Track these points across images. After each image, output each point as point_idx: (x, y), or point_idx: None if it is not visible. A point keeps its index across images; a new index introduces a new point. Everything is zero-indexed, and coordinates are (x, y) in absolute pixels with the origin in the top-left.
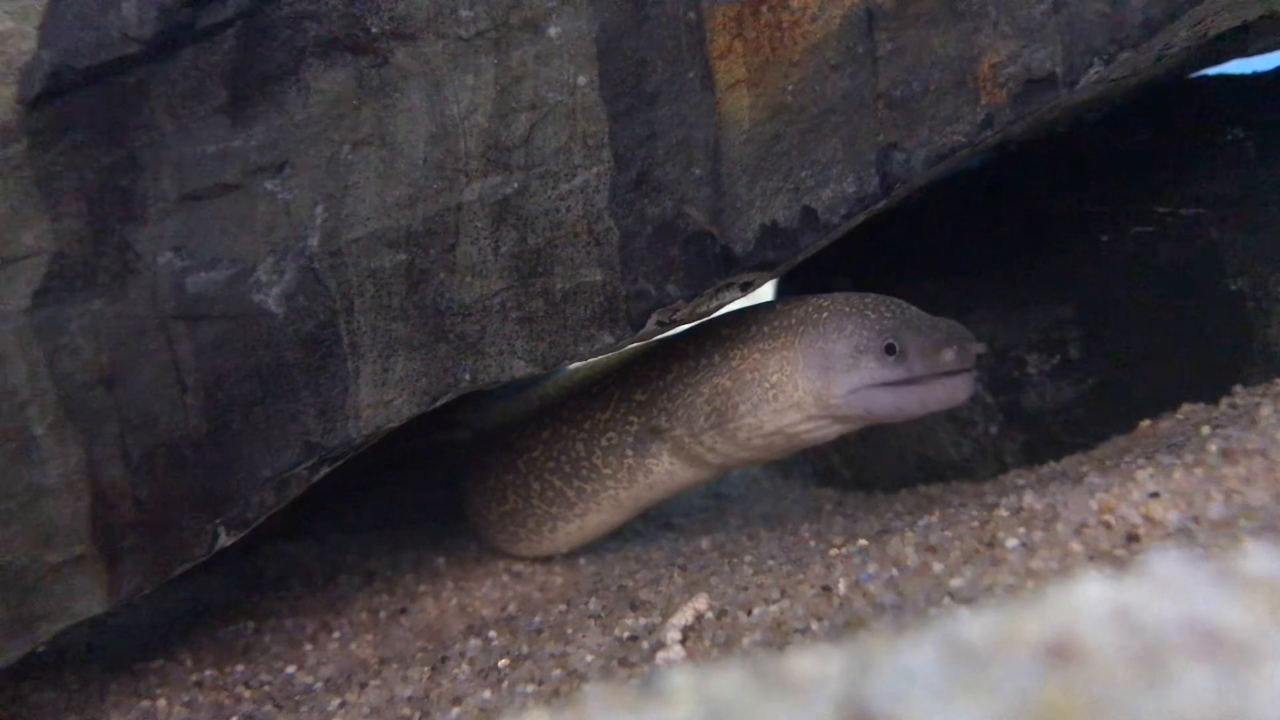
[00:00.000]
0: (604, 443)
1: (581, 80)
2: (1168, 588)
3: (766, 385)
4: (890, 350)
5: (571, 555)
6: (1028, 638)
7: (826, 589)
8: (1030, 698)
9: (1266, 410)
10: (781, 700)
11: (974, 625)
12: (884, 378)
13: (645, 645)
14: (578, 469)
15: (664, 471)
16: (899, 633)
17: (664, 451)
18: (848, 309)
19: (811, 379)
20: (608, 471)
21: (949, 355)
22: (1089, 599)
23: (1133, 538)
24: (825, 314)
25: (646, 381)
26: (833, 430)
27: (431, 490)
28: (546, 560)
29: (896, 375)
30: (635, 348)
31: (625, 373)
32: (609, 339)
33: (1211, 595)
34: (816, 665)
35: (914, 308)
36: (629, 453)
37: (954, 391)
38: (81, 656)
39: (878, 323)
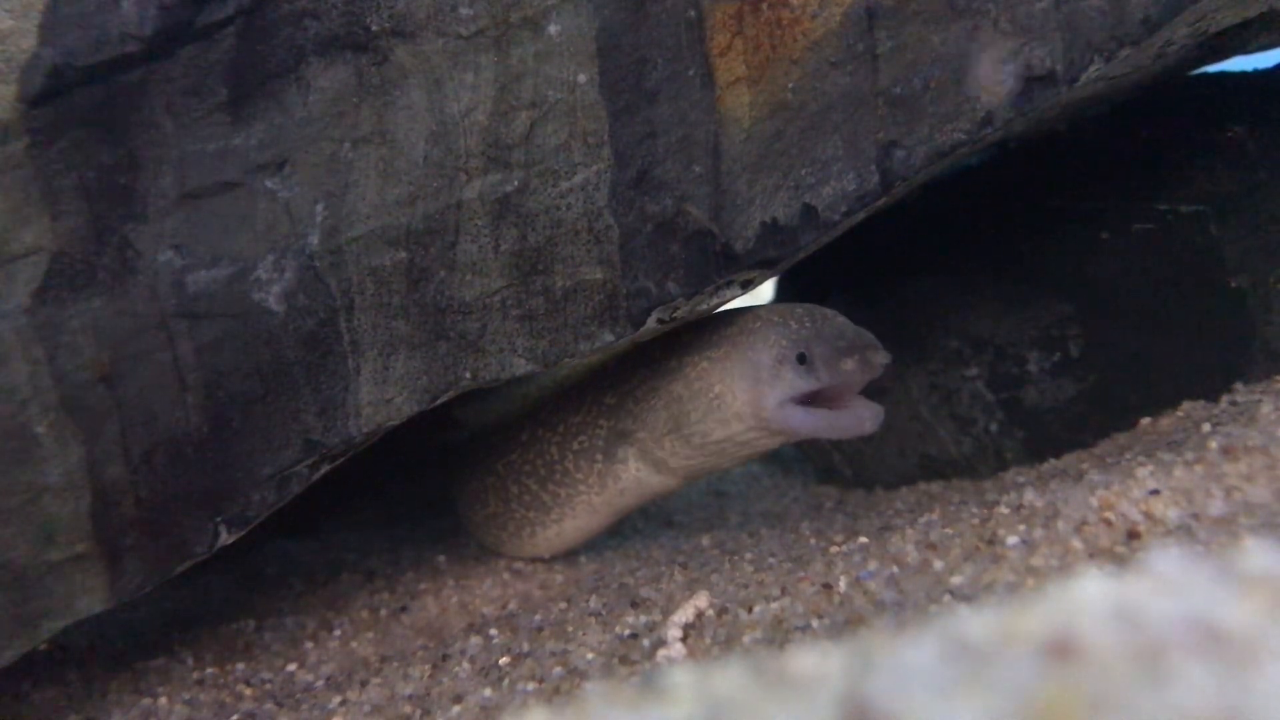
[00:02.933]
0: (575, 446)
1: (581, 78)
2: (1168, 585)
3: (711, 395)
4: (801, 359)
5: (571, 553)
6: (1028, 635)
7: (827, 586)
8: (1031, 695)
9: (1267, 407)
10: (782, 698)
11: (974, 622)
12: (799, 389)
13: (646, 643)
14: (552, 473)
15: (632, 477)
16: (899, 630)
17: (630, 457)
18: (776, 319)
19: (746, 390)
20: (580, 476)
21: (849, 364)
22: (1089, 596)
23: (1133, 535)
24: (759, 324)
25: (617, 384)
26: (775, 441)
27: (432, 489)
28: (548, 559)
29: (809, 386)
30: (609, 353)
31: (598, 376)
32: (609, 337)
33: (1212, 592)
34: (817, 663)
35: (841, 318)
36: (599, 457)
37: (860, 422)
38: (83, 654)
39: (796, 332)
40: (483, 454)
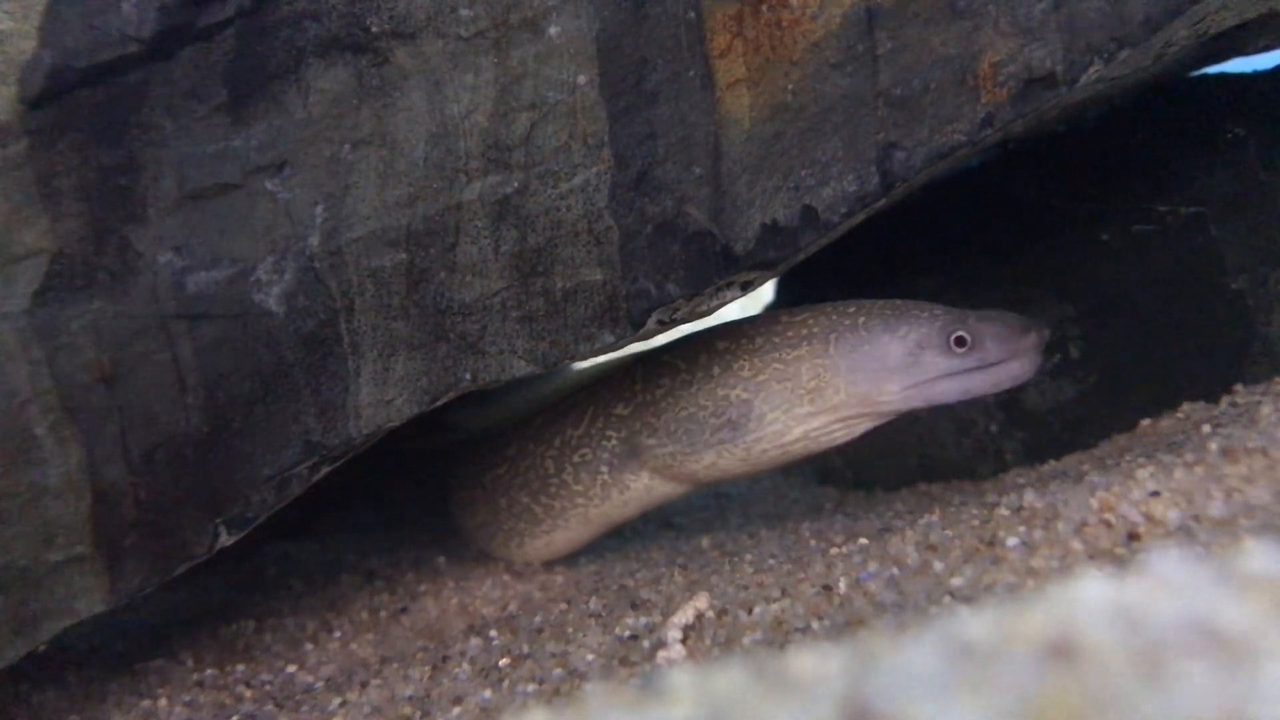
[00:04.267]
0: (577, 459)
1: (581, 79)
2: (1168, 586)
3: (802, 391)
4: (960, 343)
5: (571, 554)
6: (1028, 636)
7: (827, 588)
8: (1031, 696)
9: (1267, 409)
10: (782, 699)
11: (975, 623)
12: (951, 369)
13: (646, 644)
14: (546, 486)
15: (642, 488)
16: (900, 631)
17: (644, 469)
18: (888, 313)
19: (857, 381)
20: (579, 488)
21: (1029, 340)
22: (1089, 597)
23: (1133, 536)
24: (862, 319)
25: (628, 396)
26: (858, 430)
27: (432, 490)
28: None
29: (966, 365)
30: (602, 363)
31: (599, 388)
32: (609, 338)
33: (1212, 593)
34: (817, 664)
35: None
36: (604, 469)
37: (1024, 369)
38: (82, 656)
39: (931, 321)
40: (471, 466)
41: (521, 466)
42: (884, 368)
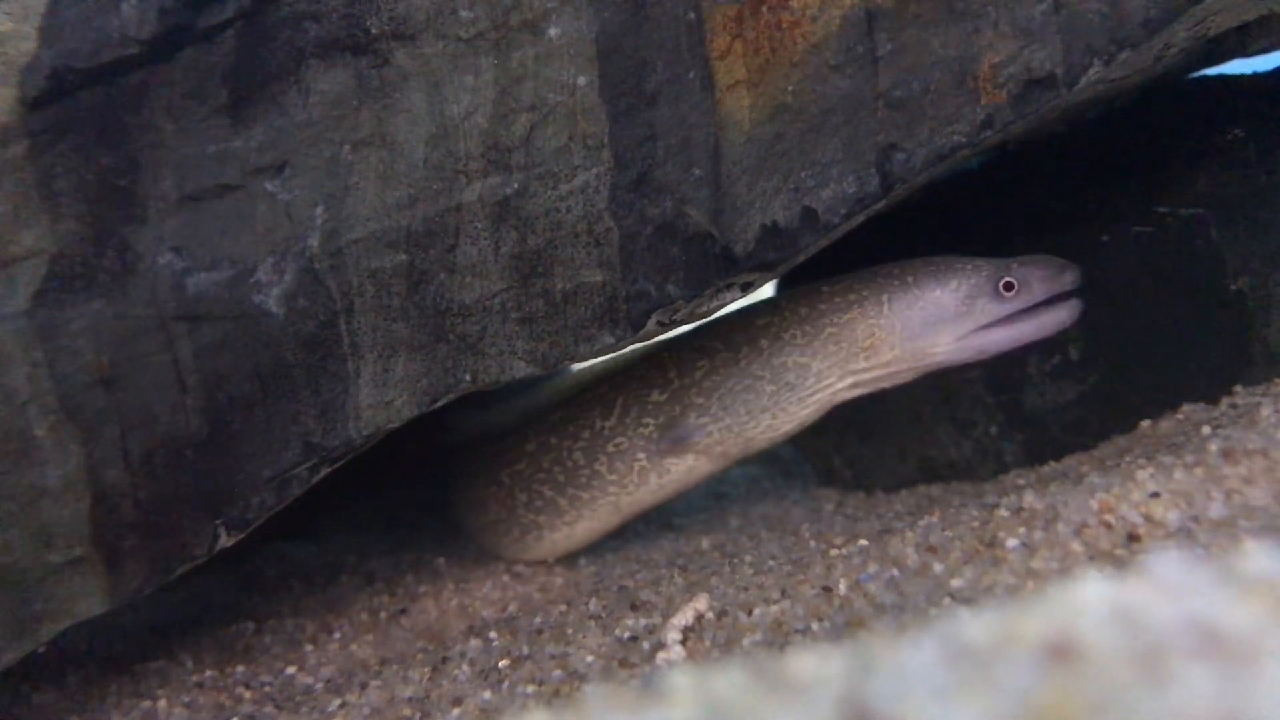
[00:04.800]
0: (610, 449)
1: (581, 81)
2: (1168, 587)
3: (857, 350)
4: (1009, 287)
5: (572, 556)
6: (1028, 638)
7: (827, 589)
8: (1030, 698)
9: (1267, 410)
10: (782, 700)
11: (974, 625)
12: (1001, 314)
13: (646, 646)
14: (574, 478)
15: (683, 469)
16: (899, 633)
17: (690, 449)
18: (934, 268)
19: (913, 336)
20: (613, 477)
21: (1070, 277)
22: (1089, 599)
23: (1133, 538)
24: (910, 277)
25: (663, 383)
26: (902, 380)
27: (432, 491)
28: (547, 561)
29: (1015, 308)
30: (620, 356)
31: (627, 379)
32: (609, 339)
33: (1211, 595)
34: (817, 665)
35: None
36: (641, 455)
37: (1068, 312)
38: (82, 657)
39: (978, 270)
40: (481, 464)
41: (545, 461)
42: (938, 320)
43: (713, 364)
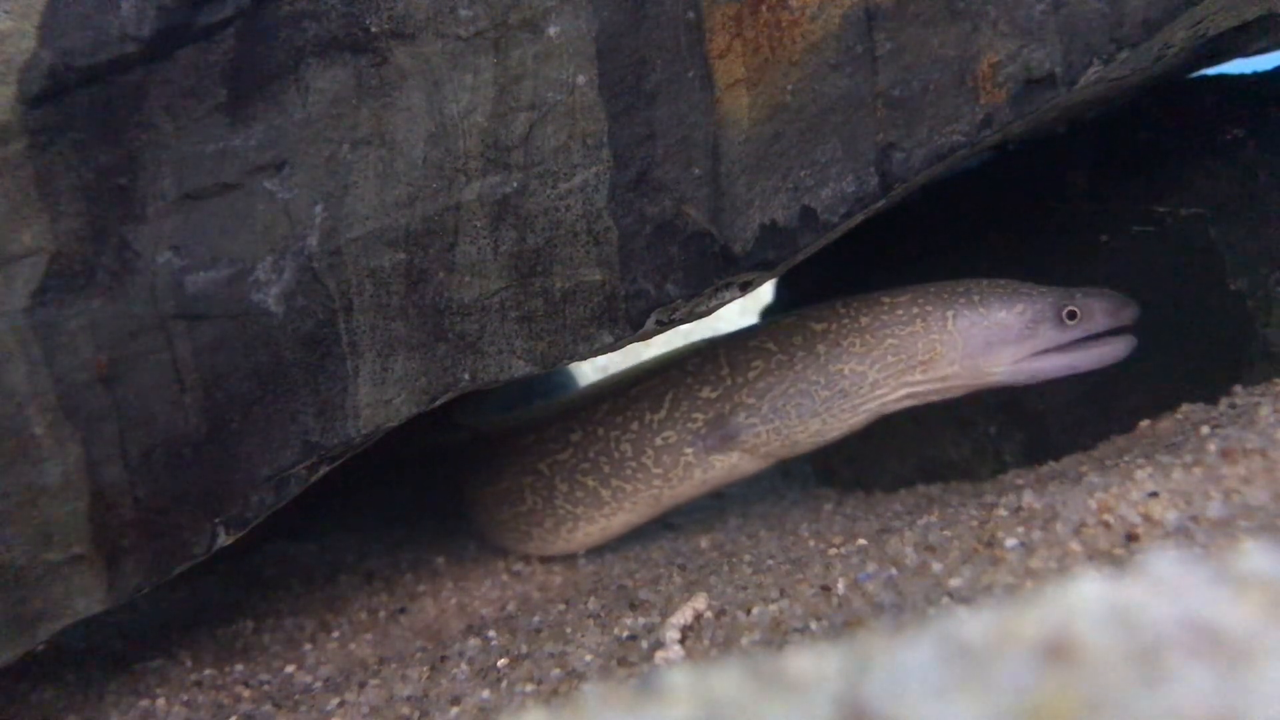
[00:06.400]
0: (659, 442)
1: (581, 80)
2: (1165, 586)
3: (915, 363)
4: (1072, 316)
5: (571, 555)
6: (1025, 636)
7: (825, 588)
8: (1027, 696)
9: (1266, 410)
10: (779, 699)
11: (971, 624)
12: (1060, 341)
13: (644, 645)
14: (620, 469)
15: (726, 466)
16: (897, 632)
17: (735, 448)
18: (1000, 290)
19: (972, 354)
20: (658, 470)
21: (1129, 313)
22: (1086, 598)
23: (1132, 537)
24: (978, 297)
25: (715, 380)
26: (954, 395)
27: (432, 490)
28: (547, 560)
29: (1075, 336)
30: (675, 352)
31: (679, 374)
32: (608, 338)
33: (1208, 593)
34: (814, 664)
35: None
36: (688, 450)
37: (1124, 345)
38: (81, 656)
39: (1044, 296)
40: (514, 455)
41: (590, 451)
42: (1000, 341)
43: (767, 365)
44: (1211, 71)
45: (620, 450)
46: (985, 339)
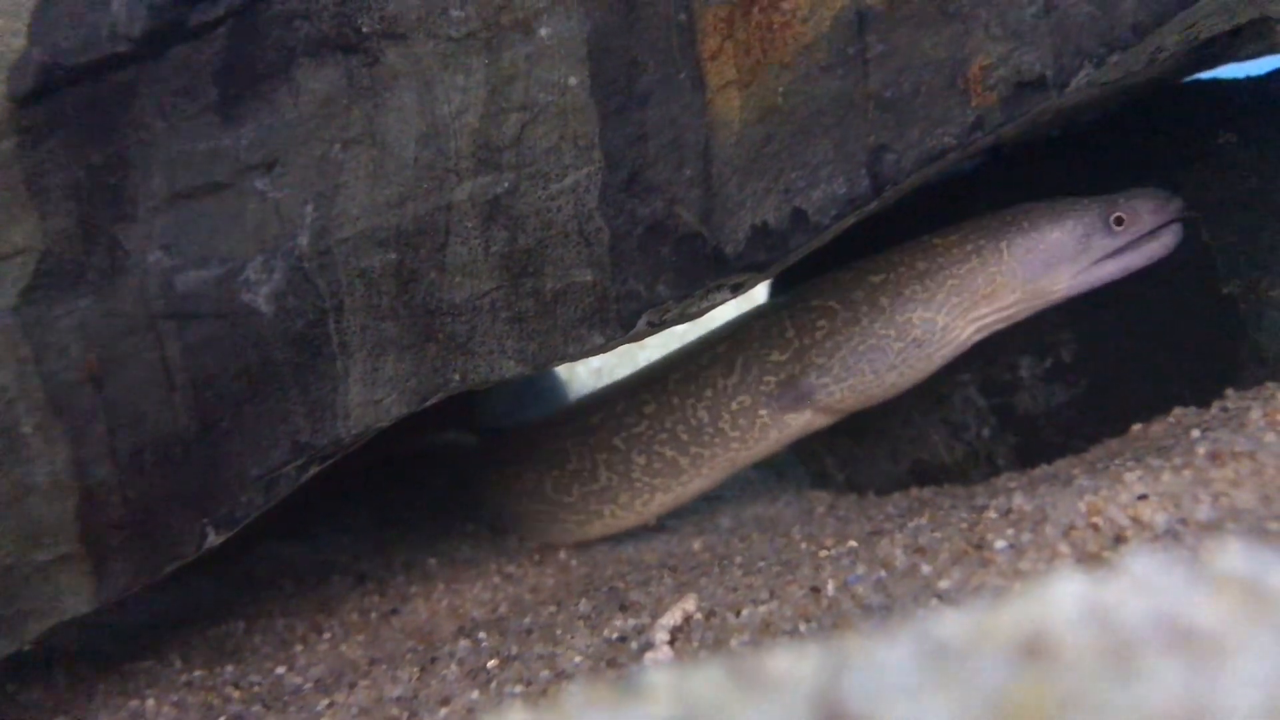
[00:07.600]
0: (735, 406)
1: (572, 81)
2: (1140, 585)
3: (979, 298)
4: (1120, 221)
5: (562, 557)
6: (1001, 635)
7: (815, 590)
8: (1002, 695)
9: (1256, 414)
10: (757, 697)
11: (948, 623)
12: (1113, 248)
13: (634, 646)
14: (697, 436)
15: (801, 424)
16: (882, 633)
17: (809, 407)
18: (1049, 210)
19: (1033, 278)
20: (735, 434)
21: (1175, 205)
22: (1062, 597)
23: (1120, 539)
24: (1026, 223)
25: (783, 344)
26: (1021, 318)
27: (426, 490)
28: (539, 563)
29: (1126, 240)
30: (740, 318)
31: (743, 338)
32: (599, 339)
33: (1184, 592)
34: (792, 663)
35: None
36: (763, 412)
37: (1172, 237)
38: (70, 656)
39: (1089, 208)
40: (575, 436)
41: (667, 421)
42: (1057, 260)
43: (832, 325)
44: (1204, 76)
45: (697, 416)
46: (1043, 261)
